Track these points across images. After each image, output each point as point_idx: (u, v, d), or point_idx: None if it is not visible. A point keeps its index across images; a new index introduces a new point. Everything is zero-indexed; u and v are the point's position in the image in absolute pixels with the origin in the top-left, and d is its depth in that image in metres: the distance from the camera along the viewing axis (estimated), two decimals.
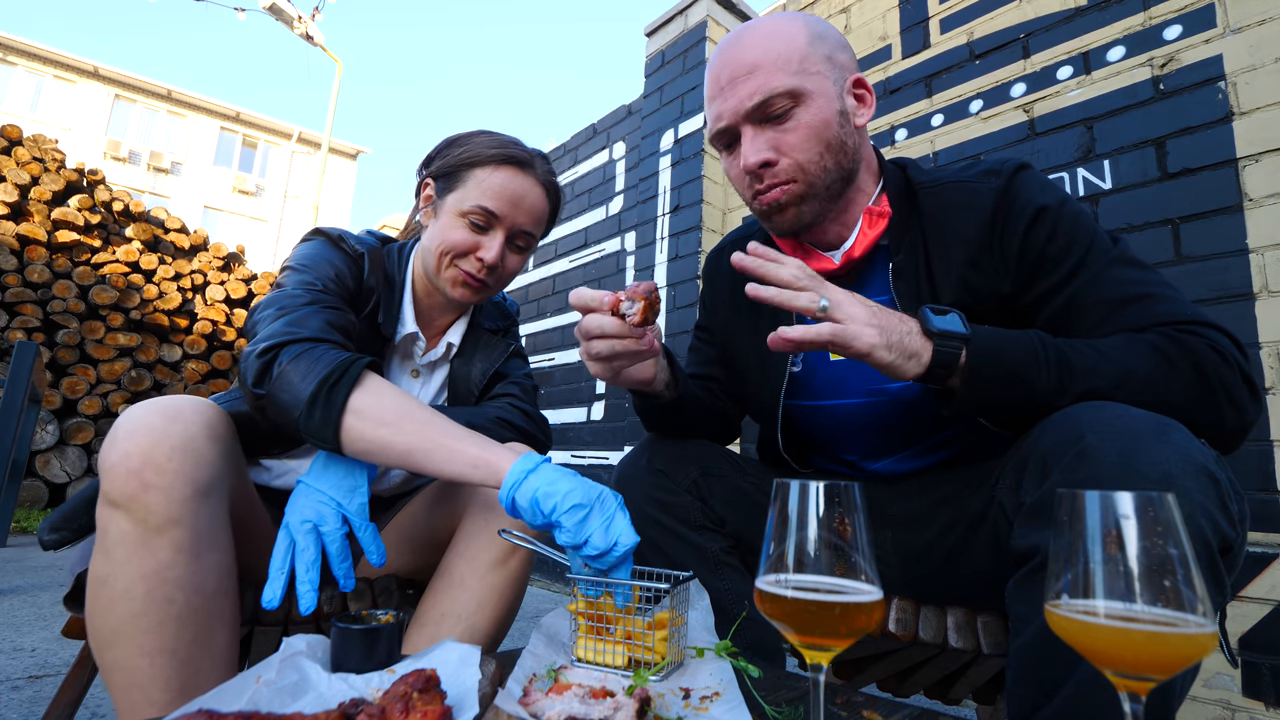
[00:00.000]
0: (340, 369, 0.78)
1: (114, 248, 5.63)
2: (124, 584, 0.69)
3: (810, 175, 0.84)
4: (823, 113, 0.83)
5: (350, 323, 0.91)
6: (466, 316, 1.14)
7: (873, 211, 0.88)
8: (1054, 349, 0.69)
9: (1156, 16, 1.70)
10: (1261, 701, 1.34)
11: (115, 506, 0.69)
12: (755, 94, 0.82)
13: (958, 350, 0.69)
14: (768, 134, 0.84)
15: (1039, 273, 0.79)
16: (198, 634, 0.71)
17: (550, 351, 3.70)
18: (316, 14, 11.06)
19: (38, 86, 16.58)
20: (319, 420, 0.76)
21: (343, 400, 0.77)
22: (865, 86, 0.88)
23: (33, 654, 1.73)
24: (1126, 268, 0.76)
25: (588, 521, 0.69)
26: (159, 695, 0.69)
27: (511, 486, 0.72)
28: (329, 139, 11.20)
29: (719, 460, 0.97)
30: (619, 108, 3.59)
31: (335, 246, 1.00)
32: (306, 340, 0.81)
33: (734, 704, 0.55)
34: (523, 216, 1.02)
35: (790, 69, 0.82)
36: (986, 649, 0.75)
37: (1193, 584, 0.35)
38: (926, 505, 0.87)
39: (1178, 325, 0.70)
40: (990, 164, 0.86)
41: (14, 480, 3.48)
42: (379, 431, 0.77)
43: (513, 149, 1.02)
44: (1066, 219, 0.79)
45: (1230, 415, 0.67)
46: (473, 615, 0.87)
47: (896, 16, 2.31)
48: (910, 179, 0.90)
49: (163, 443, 0.70)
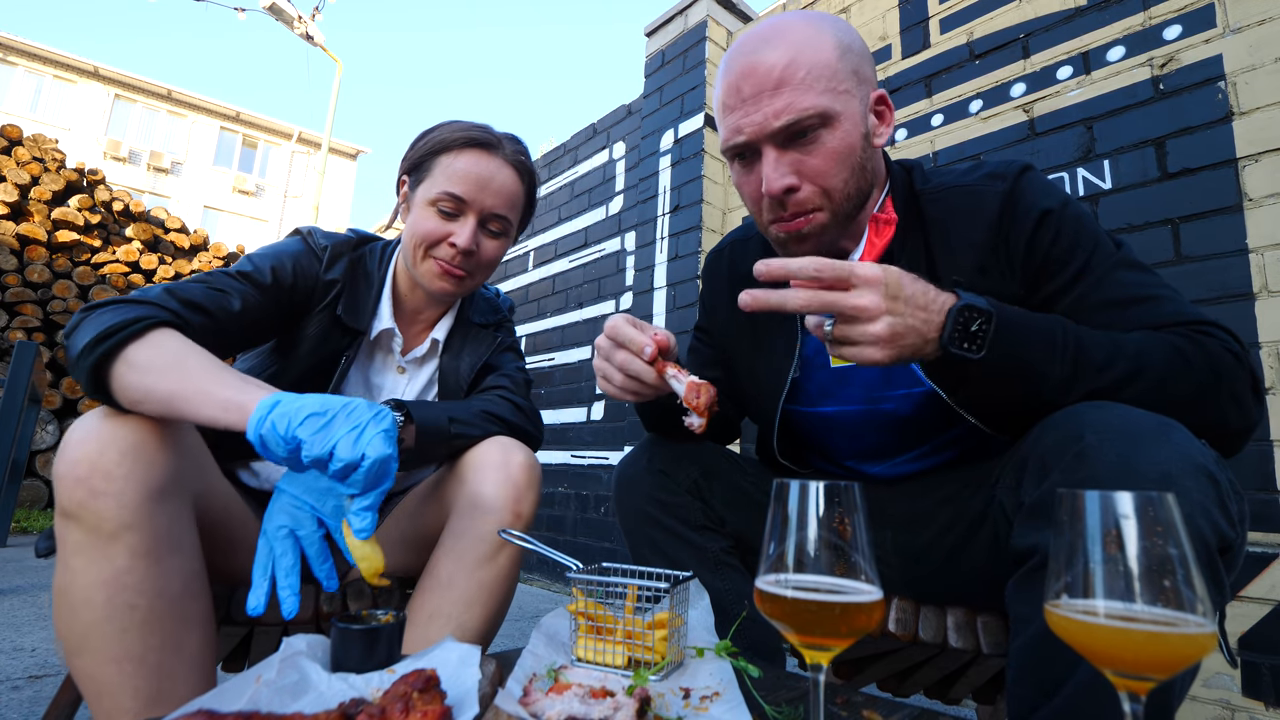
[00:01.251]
0: (125, 324, 0.74)
1: (114, 248, 5.63)
2: (83, 593, 0.68)
3: (835, 202, 0.81)
4: (849, 137, 0.79)
5: (224, 304, 0.87)
6: (453, 312, 1.13)
7: (879, 219, 0.87)
8: (1073, 336, 0.68)
9: (1156, 16, 1.70)
10: (1261, 701, 1.34)
11: (67, 516, 0.69)
12: (783, 114, 0.77)
13: (982, 323, 0.66)
14: (791, 156, 0.79)
15: (1044, 276, 0.79)
16: (165, 639, 0.71)
17: (550, 351, 3.70)
18: (316, 14, 11.06)
19: (38, 86, 16.59)
20: (85, 367, 0.73)
21: (111, 348, 0.73)
22: (887, 104, 0.84)
23: (33, 654, 1.73)
24: (1130, 271, 0.76)
25: (330, 429, 0.63)
26: (129, 702, 0.68)
27: (257, 424, 0.67)
28: (329, 139, 11.19)
29: (719, 460, 0.97)
30: (619, 107, 3.59)
31: (301, 240, 1.00)
32: (127, 301, 0.79)
33: (734, 704, 0.55)
34: (491, 199, 0.99)
35: (820, 87, 0.77)
36: (986, 649, 0.75)
37: (1192, 584, 0.35)
38: (926, 505, 0.87)
39: (1192, 326, 0.70)
40: (994, 167, 0.85)
41: (14, 480, 3.48)
42: (145, 379, 0.72)
43: (476, 132, 1.00)
44: (1070, 221, 0.78)
45: (1235, 416, 0.67)
46: (462, 614, 0.86)
47: (896, 16, 2.31)
48: (913, 183, 0.89)
49: (110, 448, 0.69)
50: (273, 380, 0.98)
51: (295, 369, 0.99)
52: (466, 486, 0.91)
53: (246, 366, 1.01)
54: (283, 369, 0.99)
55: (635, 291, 3.11)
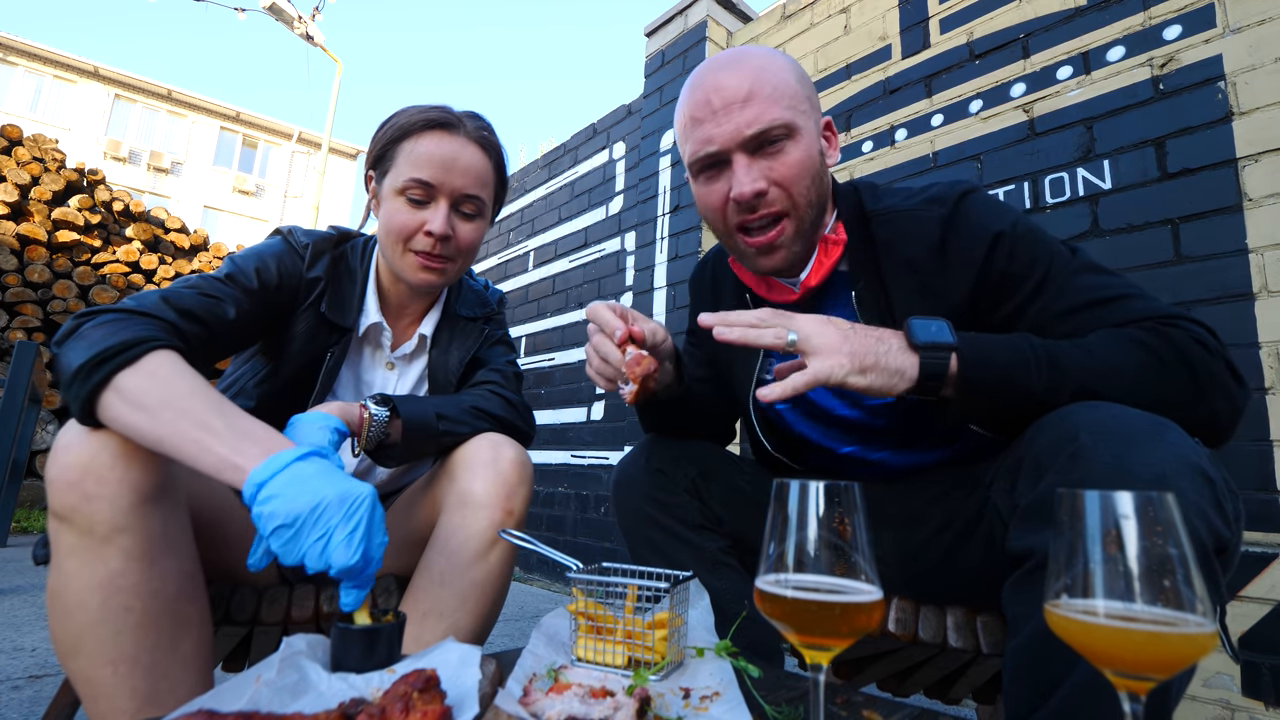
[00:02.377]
0: (123, 345, 0.70)
1: (114, 248, 5.63)
2: (77, 596, 0.68)
3: (800, 209, 0.85)
4: (810, 150, 0.85)
5: (219, 313, 0.85)
6: (439, 305, 1.12)
7: (828, 239, 0.89)
8: (1043, 350, 0.69)
9: (1156, 16, 1.70)
10: (1261, 701, 1.34)
11: (60, 519, 0.69)
12: (754, 123, 0.82)
13: (946, 360, 0.69)
14: (761, 163, 0.83)
15: (1004, 294, 0.79)
16: (160, 640, 0.71)
17: (550, 351, 3.70)
18: (316, 14, 11.06)
19: (38, 86, 16.58)
20: (76, 396, 0.70)
21: (104, 378, 0.69)
22: (833, 130, 0.92)
23: (33, 654, 1.73)
24: (1091, 274, 0.77)
25: (298, 540, 0.60)
26: (126, 703, 0.68)
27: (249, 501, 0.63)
28: (329, 139, 11.19)
29: (718, 460, 0.97)
30: (619, 108, 3.59)
31: (282, 240, 1.00)
32: (124, 312, 0.75)
33: (734, 704, 0.55)
34: (459, 179, 0.97)
35: (784, 103, 0.83)
36: (986, 649, 0.75)
37: (1192, 584, 0.35)
38: (922, 504, 0.87)
39: (1157, 319, 0.70)
40: (934, 192, 0.86)
41: (14, 480, 3.48)
42: (134, 416, 0.68)
43: (434, 113, 0.98)
44: (1024, 238, 0.79)
45: (1222, 405, 0.67)
46: (455, 613, 0.85)
47: (896, 16, 2.30)
48: (863, 204, 0.91)
49: (102, 452, 0.69)
50: (267, 382, 0.98)
51: (287, 369, 0.98)
52: (457, 484, 0.90)
53: (239, 372, 1.01)
54: (274, 370, 0.98)
55: (635, 291, 3.11)
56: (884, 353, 0.70)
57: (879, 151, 2.25)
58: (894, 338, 0.72)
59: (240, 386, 0.99)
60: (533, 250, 4.05)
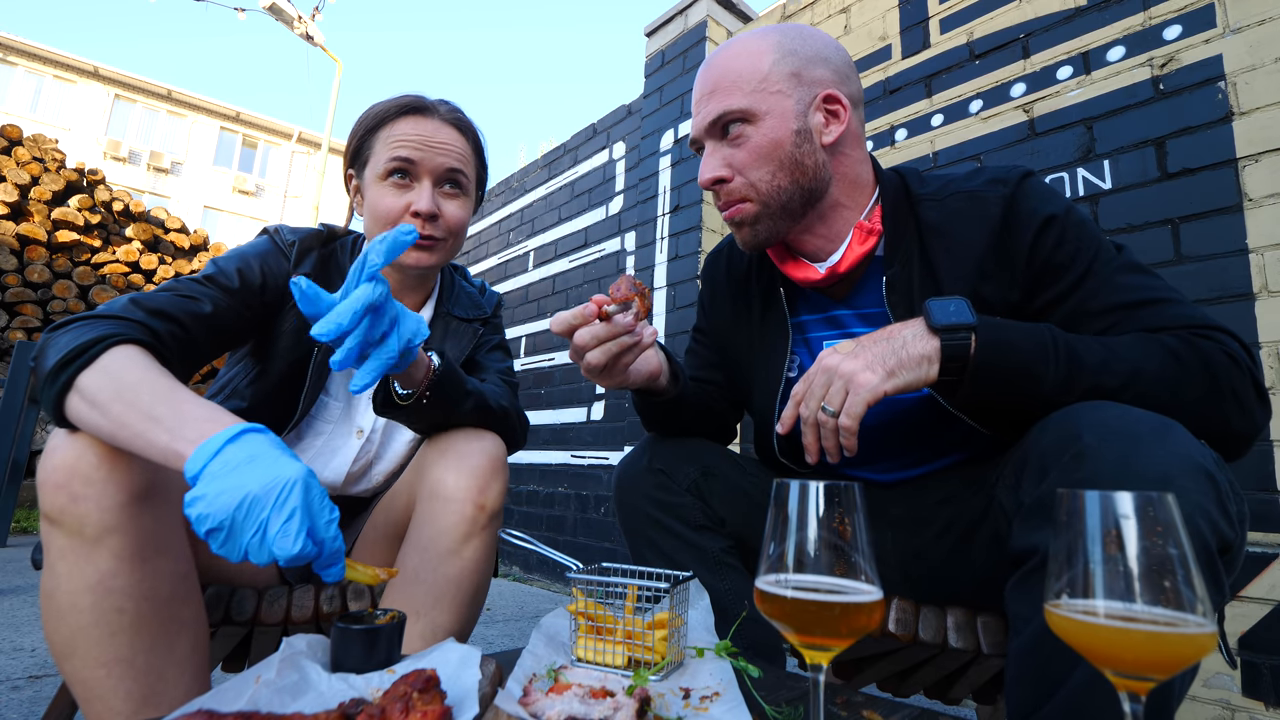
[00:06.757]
0: (84, 346, 0.70)
1: (114, 248, 5.64)
2: (69, 597, 0.68)
3: (763, 194, 0.86)
4: (774, 133, 0.85)
5: (193, 309, 0.84)
6: (431, 304, 1.11)
7: (863, 227, 0.88)
8: (1064, 342, 0.69)
9: (1156, 16, 1.70)
10: (1261, 701, 1.34)
11: (50, 522, 0.68)
12: (711, 114, 0.87)
13: (966, 340, 0.69)
14: (723, 152, 0.88)
15: (1045, 281, 0.79)
16: (155, 641, 0.70)
17: (550, 351, 3.70)
18: (316, 14, 11.06)
19: (38, 86, 16.59)
20: (48, 400, 0.70)
21: (67, 380, 0.69)
22: (839, 102, 0.87)
23: (33, 654, 1.73)
24: (1133, 274, 0.76)
25: (236, 539, 0.58)
26: (120, 705, 0.68)
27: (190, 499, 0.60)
28: (329, 139, 11.20)
29: (719, 460, 0.97)
30: (619, 108, 3.59)
31: (268, 239, 0.99)
32: (91, 317, 0.75)
33: (734, 704, 0.55)
34: (440, 156, 0.98)
35: (745, 89, 0.85)
36: (986, 649, 0.75)
37: (1192, 584, 0.35)
38: (926, 506, 0.87)
39: (1192, 329, 0.70)
40: (996, 172, 0.85)
41: (14, 480, 3.48)
42: (91, 414, 0.68)
43: (407, 99, 1.00)
44: (1073, 227, 0.78)
45: (1238, 420, 0.67)
46: (430, 611, 0.83)
47: (896, 16, 2.30)
48: (910, 189, 0.90)
49: (87, 452, 0.68)
50: (258, 382, 0.97)
51: (276, 369, 0.97)
52: (428, 475, 0.88)
53: (232, 373, 1.00)
54: (264, 370, 0.98)
55: None
56: (900, 347, 0.70)
57: (879, 152, 2.25)
58: (905, 328, 0.72)
59: (233, 388, 0.99)
60: (533, 250, 4.05)
